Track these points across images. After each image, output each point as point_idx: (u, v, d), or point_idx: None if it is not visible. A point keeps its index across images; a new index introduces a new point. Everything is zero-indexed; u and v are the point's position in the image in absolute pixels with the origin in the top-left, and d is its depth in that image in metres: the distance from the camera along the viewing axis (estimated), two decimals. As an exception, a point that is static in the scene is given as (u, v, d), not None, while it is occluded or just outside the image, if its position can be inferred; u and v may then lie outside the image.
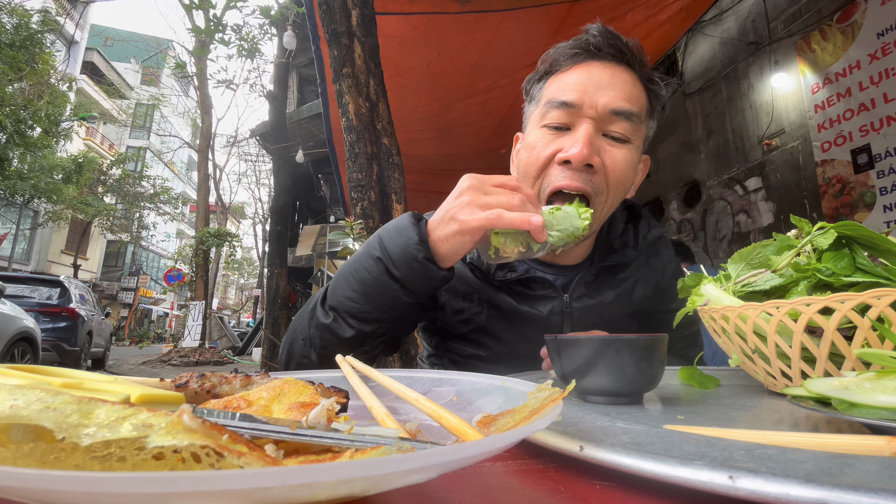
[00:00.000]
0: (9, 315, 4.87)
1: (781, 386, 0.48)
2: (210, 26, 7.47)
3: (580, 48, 0.72)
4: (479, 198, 0.59)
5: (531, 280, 0.80)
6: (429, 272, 0.63)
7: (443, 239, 0.62)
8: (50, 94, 12.47)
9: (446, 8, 3.37)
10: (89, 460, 0.17)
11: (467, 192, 0.60)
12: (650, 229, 0.86)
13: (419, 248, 0.63)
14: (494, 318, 0.81)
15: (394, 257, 0.64)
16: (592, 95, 0.69)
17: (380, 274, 0.65)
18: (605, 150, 0.70)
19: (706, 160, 4.83)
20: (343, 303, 0.69)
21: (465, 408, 0.38)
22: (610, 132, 0.71)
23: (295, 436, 0.23)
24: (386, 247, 0.65)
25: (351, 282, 0.69)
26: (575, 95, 0.70)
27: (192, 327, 10.80)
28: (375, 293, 0.67)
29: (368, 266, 0.67)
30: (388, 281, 0.65)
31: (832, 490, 0.20)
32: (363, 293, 0.67)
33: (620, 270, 0.84)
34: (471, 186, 0.60)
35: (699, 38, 4.89)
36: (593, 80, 0.70)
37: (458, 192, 0.61)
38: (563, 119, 0.71)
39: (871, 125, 3.29)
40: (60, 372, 0.32)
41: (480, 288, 0.82)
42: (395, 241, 0.65)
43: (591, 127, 0.69)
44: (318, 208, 11.84)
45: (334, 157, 4.88)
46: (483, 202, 0.58)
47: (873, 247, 0.48)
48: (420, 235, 0.63)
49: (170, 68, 19.83)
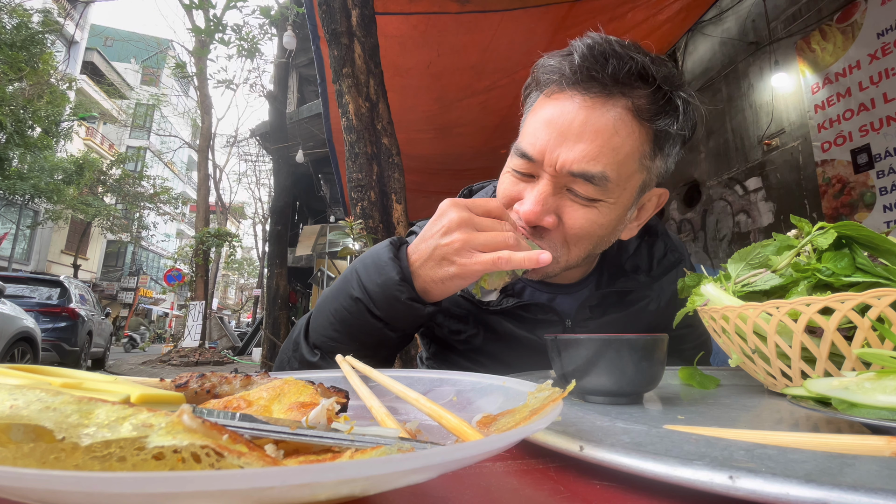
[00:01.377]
0: (9, 315, 4.87)
1: (781, 386, 0.48)
2: (210, 26, 7.47)
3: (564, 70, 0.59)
4: (475, 237, 0.54)
5: (530, 305, 0.73)
6: (413, 311, 0.60)
7: (437, 281, 0.57)
8: (50, 95, 12.47)
9: (446, 8, 3.37)
10: (89, 460, 0.17)
11: (458, 229, 0.55)
12: (667, 253, 0.77)
13: (401, 289, 0.58)
14: (491, 340, 0.75)
15: (374, 297, 0.60)
16: (553, 150, 0.58)
17: (360, 314, 0.62)
18: (565, 208, 0.61)
19: (706, 160, 4.83)
20: (326, 342, 0.65)
21: (465, 408, 0.38)
22: (574, 191, 0.60)
23: (295, 436, 0.23)
24: (365, 286, 0.61)
25: (332, 321, 0.65)
26: (535, 149, 0.60)
27: (192, 327, 10.81)
28: (358, 332, 0.63)
29: (348, 305, 0.63)
30: (371, 320, 0.61)
31: (832, 490, 0.20)
32: (345, 332, 0.64)
33: (629, 293, 0.75)
34: (461, 221, 0.55)
35: (699, 38, 4.89)
36: (562, 124, 0.58)
37: (446, 227, 0.55)
38: (526, 169, 0.63)
39: (871, 125, 3.29)
40: (60, 372, 0.32)
41: (475, 312, 0.75)
42: (375, 279, 0.60)
43: (548, 185, 0.60)
44: (318, 208, 11.84)
45: (334, 157, 4.88)
46: (480, 242, 0.54)
47: (873, 247, 0.48)
48: (402, 273, 0.59)
49: (170, 68, 19.85)
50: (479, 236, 0.55)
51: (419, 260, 0.58)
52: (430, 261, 0.57)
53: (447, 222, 0.56)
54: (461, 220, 0.55)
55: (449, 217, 0.56)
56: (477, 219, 0.56)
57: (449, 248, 0.55)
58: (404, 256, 0.61)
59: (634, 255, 0.77)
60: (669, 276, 0.77)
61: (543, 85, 0.63)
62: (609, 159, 0.57)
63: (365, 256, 0.64)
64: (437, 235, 0.56)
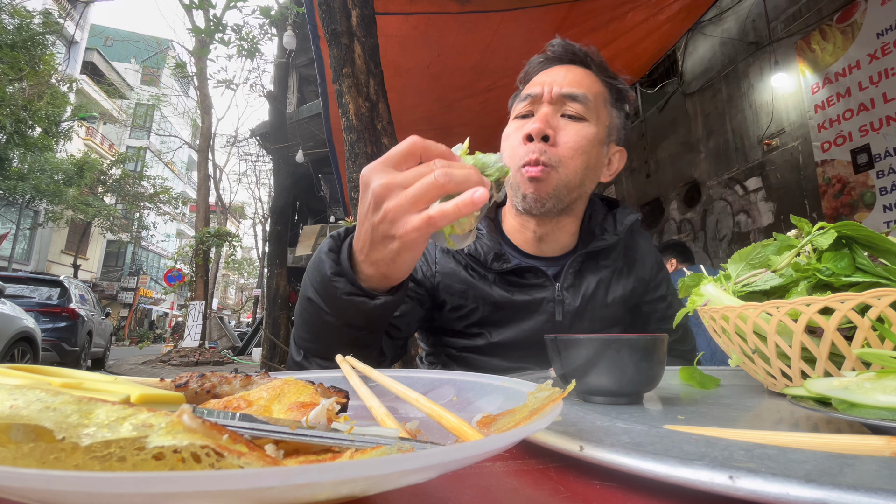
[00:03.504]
0: (9, 315, 4.87)
1: (781, 386, 0.48)
2: (210, 26, 7.47)
3: (545, 58, 0.87)
4: (403, 199, 0.47)
5: (525, 270, 0.84)
6: (357, 306, 0.56)
7: (388, 262, 0.53)
8: (50, 95, 12.48)
9: (446, 8, 3.37)
10: (89, 460, 0.17)
11: (385, 198, 0.48)
12: (626, 215, 0.92)
13: (336, 284, 0.55)
14: (490, 312, 0.84)
15: (321, 295, 0.58)
16: (548, 86, 0.80)
17: (317, 315, 0.60)
18: (561, 126, 0.80)
19: (706, 160, 4.83)
20: (303, 343, 0.65)
21: (465, 408, 0.38)
22: (566, 112, 0.80)
23: (295, 436, 0.23)
24: (312, 284, 0.59)
25: (300, 322, 0.64)
26: (536, 89, 0.81)
27: (192, 327, 10.81)
28: (324, 333, 0.61)
29: (305, 306, 0.61)
30: (328, 320, 0.59)
31: (832, 490, 0.20)
32: (314, 332, 0.63)
33: (602, 257, 0.89)
34: (385, 187, 0.47)
35: (699, 38, 4.89)
36: (552, 76, 0.82)
37: (373, 201, 0.49)
38: (528, 108, 0.82)
39: (871, 125, 3.29)
40: (60, 372, 0.32)
41: (474, 285, 0.83)
42: (316, 277, 0.58)
43: (548, 109, 0.79)
44: (318, 208, 11.84)
45: (334, 157, 4.88)
46: (410, 202, 0.47)
47: (873, 247, 0.48)
48: (335, 268, 0.56)
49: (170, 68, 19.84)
50: (407, 196, 0.47)
51: (364, 246, 0.53)
52: (374, 243, 0.52)
53: (371, 196, 0.49)
54: (384, 186, 0.48)
55: (371, 189, 0.49)
56: (400, 176, 0.48)
57: (384, 223, 0.49)
58: (346, 249, 0.57)
59: (603, 221, 0.91)
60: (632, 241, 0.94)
61: (531, 75, 0.87)
62: (586, 88, 0.81)
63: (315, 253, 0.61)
64: (368, 214, 0.50)
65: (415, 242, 0.49)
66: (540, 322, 0.83)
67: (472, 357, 0.86)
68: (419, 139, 0.49)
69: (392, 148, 0.50)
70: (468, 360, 0.86)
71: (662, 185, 5.48)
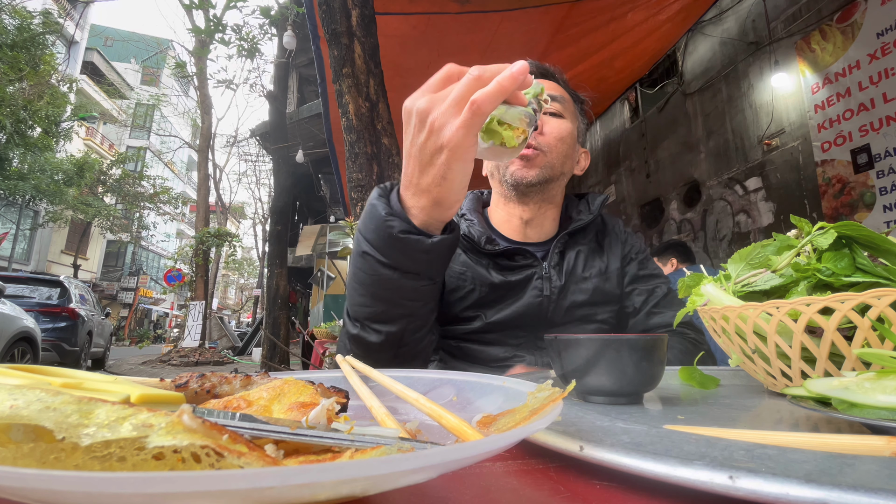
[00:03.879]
0: (9, 315, 4.87)
1: (781, 386, 0.48)
2: (210, 26, 7.48)
3: None
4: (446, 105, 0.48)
5: (514, 252, 0.90)
6: (414, 245, 0.57)
7: (440, 180, 0.52)
8: (50, 95, 12.48)
9: (446, 8, 3.37)
10: (89, 460, 0.17)
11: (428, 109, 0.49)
12: (596, 197, 1.04)
13: (391, 224, 0.56)
14: (486, 293, 0.89)
15: (375, 245, 0.59)
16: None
17: (373, 269, 0.61)
18: (545, 121, 0.91)
19: (706, 160, 4.83)
20: (360, 310, 0.67)
21: (465, 408, 0.38)
22: (547, 110, 0.91)
23: (295, 436, 0.23)
24: (366, 237, 0.60)
25: (355, 286, 0.66)
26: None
27: (192, 327, 10.81)
28: (381, 290, 0.63)
29: (360, 265, 0.63)
30: (384, 272, 0.60)
31: (832, 490, 0.20)
32: (370, 294, 0.64)
33: (581, 237, 0.98)
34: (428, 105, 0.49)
35: (699, 38, 4.89)
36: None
37: (417, 123, 0.51)
38: None
39: (871, 125, 3.29)
40: (60, 372, 0.32)
41: (472, 267, 0.89)
42: (370, 226, 0.59)
43: None
44: (318, 208, 11.85)
45: (334, 157, 4.89)
46: (452, 105, 0.48)
47: (873, 247, 0.48)
48: (388, 208, 0.57)
49: (170, 68, 19.87)
50: (449, 100, 0.48)
51: (413, 176, 0.54)
52: (423, 165, 0.52)
53: (415, 117, 0.51)
54: (427, 101, 0.50)
55: (415, 110, 0.51)
56: (441, 92, 0.50)
57: (431, 136, 0.50)
58: (395, 194, 0.59)
59: (578, 205, 1.03)
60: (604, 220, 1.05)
61: None
62: (559, 91, 0.94)
63: (366, 206, 0.63)
64: (415, 136, 0.51)
65: (463, 147, 0.49)
66: (531, 298, 0.89)
67: (469, 347, 0.90)
68: (454, 65, 0.51)
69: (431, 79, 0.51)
70: (465, 351, 0.90)
71: (662, 185, 5.48)
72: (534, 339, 0.89)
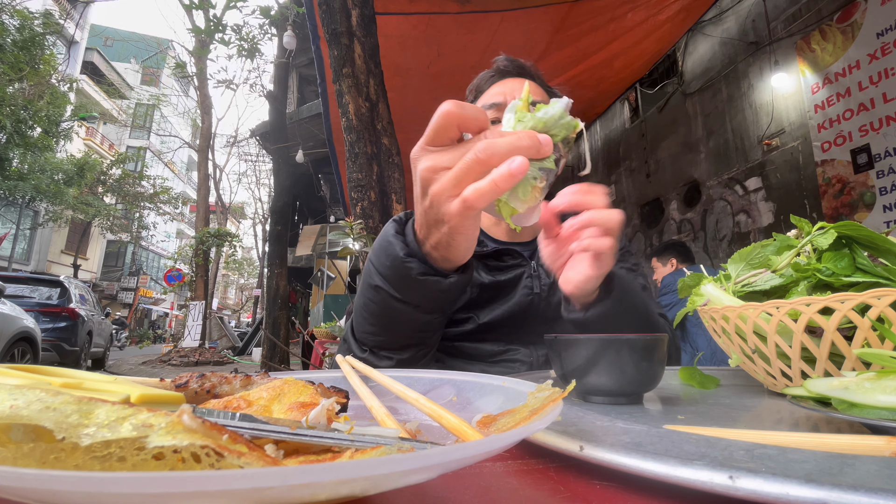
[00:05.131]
0: (9, 315, 4.87)
1: (781, 386, 0.48)
2: (210, 26, 7.48)
3: (495, 72, 0.97)
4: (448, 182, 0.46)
5: (503, 253, 0.91)
6: (431, 286, 0.56)
7: (444, 245, 0.53)
8: (50, 95, 12.48)
9: (446, 8, 3.37)
10: (89, 460, 0.17)
11: (430, 182, 0.47)
12: None
13: (409, 265, 0.55)
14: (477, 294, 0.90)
15: (390, 281, 0.59)
16: (510, 95, 0.90)
17: (385, 302, 0.61)
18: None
19: (706, 160, 4.83)
20: (368, 338, 0.67)
21: (465, 408, 0.38)
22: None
23: (295, 436, 0.23)
24: (379, 271, 0.60)
25: (365, 315, 0.66)
26: (499, 98, 0.90)
27: (192, 327, 10.81)
28: (392, 322, 0.63)
29: (372, 297, 0.62)
30: (397, 306, 0.60)
31: (832, 490, 0.20)
32: (381, 325, 0.65)
33: None
34: (430, 170, 0.47)
35: (699, 38, 4.89)
36: (509, 88, 0.92)
37: (421, 187, 0.48)
38: (495, 116, 0.90)
39: (871, 125, 3.29)
40: (60, 372, 0.32)
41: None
42: (384, 262, 0.59)
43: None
44: (318, 208, 11.84)
45: (334, 157, 4.89)
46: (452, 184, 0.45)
47: (873, 247, 0.48)
48: (406, 248, 0.56)
49: (170, 68, 19.87)
50: (449, 178, 0.46)
51: (421, 230, 0.54)
52: (430, 227, 0.52)
53: (419, 180, 0.49)
54: (428, 169, 0.47)
55: (418, 173, 0.49)
56: (443, 157, 0.47)
57: (432, 208, 0.48)
58: (411, 231, 0.57)
59: None
60: None
61: (483, 87, 0.97)
62: (540, 94, 0.92)
63: (376, 241, 0.63)
64: (419, 199, 0.50)
65: (463, 226, 0.48)
66: (521, 297, 0.89)
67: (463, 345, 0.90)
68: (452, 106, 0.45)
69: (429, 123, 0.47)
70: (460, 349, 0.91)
71: (662, 185, 5.48)
72: (527, 335, 0.89)
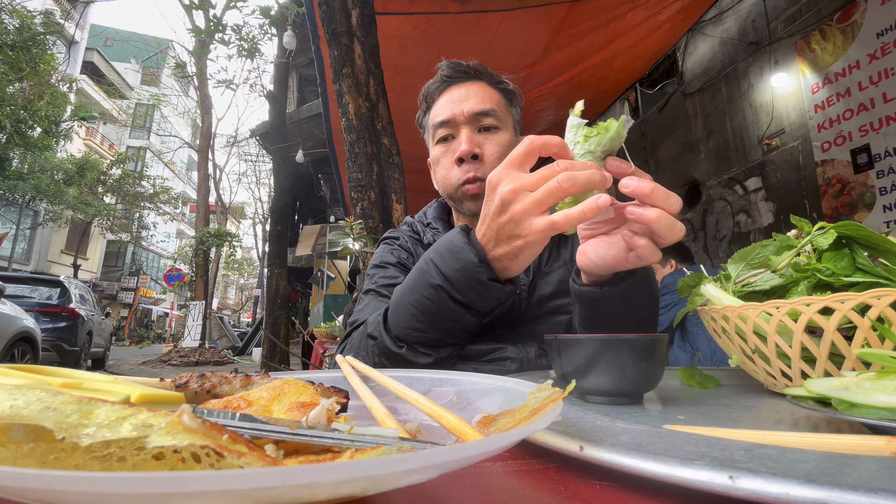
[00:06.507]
0: (9, 315, 4.87)
1: (781, 386, 0.48)
2: (210, 26, 7.48)
3: (439, 81, 0.96)
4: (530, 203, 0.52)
5: None
6: (495, 291, 0.62)
7: (510, 257, 0.58)
8: (50, 95, 12.48)
9: (446, 8, 3.37)
10: (89, 460, 0.17)
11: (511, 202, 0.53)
12: None
13: (481, 270, 0.61)
14: None
15: (455, 283, 0.63)
16: (458, 108, 0.90)
17: (442, 301, 0.65)
18: (483, 141, 0.90)
19: (706, 160, 4.83)
20: (411, 334, 0.70)
21: (465, 408, 0.38)
22: (482, 125, 0.91)
23: (295, 436, 0.23)
24: (444, 273, 0.64)
25: (414, 312, 0.69)
26: (447, 113, 0.91)
27: (192, 327, 10.81)
28: (443, 320, 0.67)
29: (429, 294, 0.66)
30: (453, 306, 0.65)
31: (832, 490, 0.20)
32: (430, 322, 0.68)
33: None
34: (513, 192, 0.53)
35: (699, 38, 4.88)
36: (456, 98, 0.92)
37: (500, 205, 0.55)
38: (447, 132, 0.92)
39: (871, 125, 3.28)
40: (60, 372, 0.32)
41: None
42: (452, 265, 0.63)
43: (467, 129, 0.90)
44: (318, 208, 11.84)
45: (334, 157, 4.89)
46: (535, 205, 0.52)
47: (873, 247, 0.48)
48: (479, 255, 0.61)
49: (170, 68, 19.84)
50: (532, 200, 0.52)
51: (489, 242, 0.59)
52: (500, 241, 0.58)
53: (498, 199, 0.55)
54: (511, 191, 0.53)
55: (499, 193, 0.55)
56: (525, 179, 0.53)
57: (510, 223, 0.55)
58: (476, 240, 0.62)
59: None
60: None
61: (432, 98, 0.97)
62: (490, 101, 0.92)
63: (438, 246, 0.67)
64: (495, 215, 0.56)
65: (538, 241, 0.55)
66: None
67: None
68: (536, 138, 0.54)
69: (512, 150, 0.55)
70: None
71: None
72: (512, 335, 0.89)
